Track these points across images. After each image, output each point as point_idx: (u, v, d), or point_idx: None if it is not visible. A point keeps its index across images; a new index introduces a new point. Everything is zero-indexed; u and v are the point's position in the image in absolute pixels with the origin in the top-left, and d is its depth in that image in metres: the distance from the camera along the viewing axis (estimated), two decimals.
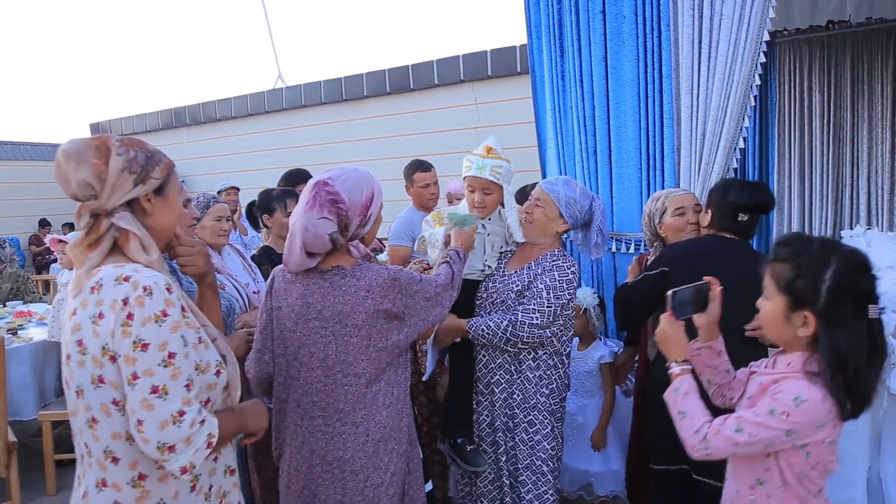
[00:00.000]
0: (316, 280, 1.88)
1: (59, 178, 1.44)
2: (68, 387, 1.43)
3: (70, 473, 3.97)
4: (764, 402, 1.46)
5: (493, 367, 2.51)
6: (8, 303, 5.00)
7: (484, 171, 2.46)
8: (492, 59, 8.50)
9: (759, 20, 3.01)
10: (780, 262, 1.51)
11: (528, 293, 2.42)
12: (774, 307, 1.51)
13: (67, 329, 1.39)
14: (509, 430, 2.49)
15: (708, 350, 1.77)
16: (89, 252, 1.41)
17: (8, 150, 12.82)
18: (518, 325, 2.37)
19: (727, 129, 3.10)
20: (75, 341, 1.37)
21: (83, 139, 1.44)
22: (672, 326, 1.70)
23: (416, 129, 9.18)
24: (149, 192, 1.47)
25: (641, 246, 3.42)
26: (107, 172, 1.40)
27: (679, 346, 1.68)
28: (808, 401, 1.41)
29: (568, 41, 3.55)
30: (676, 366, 1.66)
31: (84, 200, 1.41)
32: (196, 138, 12.25)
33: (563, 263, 2.45)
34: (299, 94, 10.51)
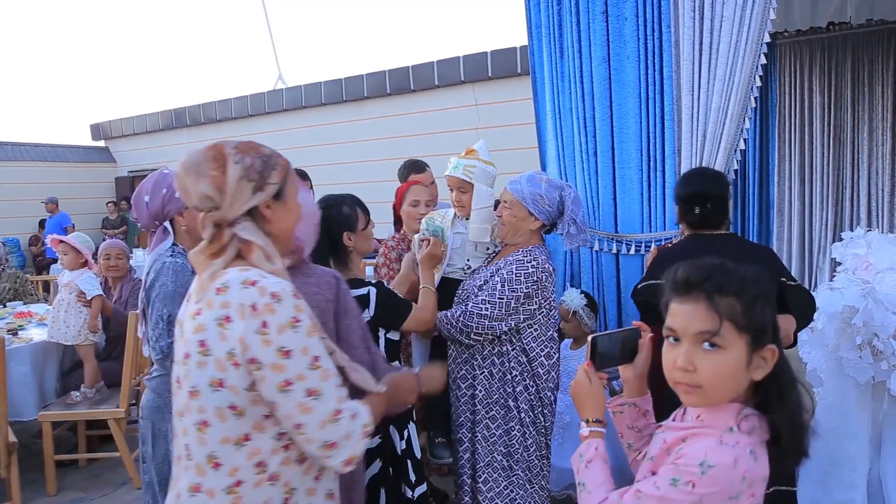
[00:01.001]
0: None
1: (179, 189, 1.45)
2: (180, 386, 1.42)
3: (70, 474, 3.99)
4: (666, 470, 1.18)
5: (459, 363, 2.54)
6: (8, 303, 5.00)
7: (457, 171, 2.62)
8: (492, 59, 8.50)
9: (759, 22, 3.02)
10: (721, 297, 1.17)
11: (486, 286, 2.45)
12: (734, 356, 1.16)
13: (189, 328, 1.39)
14: (471, 426, 2.50)
15: (632, 408, 1.49)
16: (212, 260, 1.41)
17: (9, 150, 12.83)
18: (468, 315, 2.39)
19: (728, 130, 3.10)
20: (197, 341, 1.36)
21: (200, 151, 1.44)
22: (589, 380, 1.44)
23: (416, 129, 9.19)
24: (268, 198, 1.45)
25: (642, 247, 3.41)
26: (226, 183, 1.40)
27: (593, 404, 1.43)
28: (717, 466, 1.12)
29: (568, 42, 3.55)
30: (586, 426, 1.42)
31: (206, 211, 1.41)
32: (196, 139, 12.26)
33: (523, 258, 2.45)
34: (300, 94, 10.51)
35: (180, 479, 1.45)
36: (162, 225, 2.15)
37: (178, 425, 1.46)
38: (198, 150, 1.45)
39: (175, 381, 1.45)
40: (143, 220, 2.19)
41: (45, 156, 13.30)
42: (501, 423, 2.44)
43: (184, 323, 1.43)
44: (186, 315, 1.42)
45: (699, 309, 1.17)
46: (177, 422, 1.46)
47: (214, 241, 1.42)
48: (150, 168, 13.28)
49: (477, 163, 2.59)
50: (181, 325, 1.44)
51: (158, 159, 13.10)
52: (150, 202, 2.14)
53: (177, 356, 1.44)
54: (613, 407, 1.50)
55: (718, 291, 1.16)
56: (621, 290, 3.55)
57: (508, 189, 2.54)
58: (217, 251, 1.41)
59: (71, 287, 3.89)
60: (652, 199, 3.40)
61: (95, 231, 12.30)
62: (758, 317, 1.16)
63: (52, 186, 12.99)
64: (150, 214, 2.15)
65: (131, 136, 13.70)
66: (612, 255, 3.52)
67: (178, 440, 1.46)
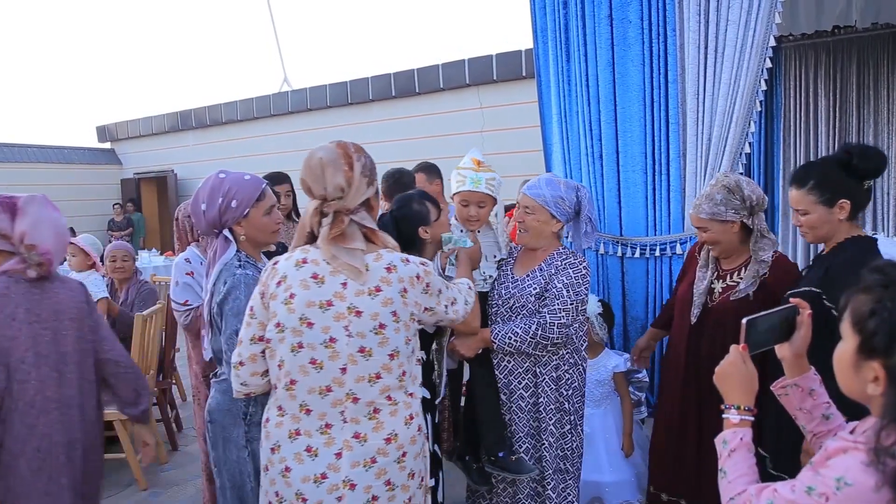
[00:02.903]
0: None
1: (311, 178, 1.68)
2: (371, 356, 1.66)
3: None
4: (806, 476, 1.15)
5: (519, 373, 2.49)
6: None
7: (480, 185, 2.52)
8: (497, 63, 8.52)
9: (765, 25, 3.02)
10: (862, 292, 1.16)
11: (549, 294, 2.43)
12: (845, 349, 1.17)
13: (377, 302, 1.65)
14: (536, 435, 2.49)
15: (795, 389, 1.44)
16: (335, 243, 1.65)
17: (15, 152, 12.89)
18: (547, 327, 2.38)
19: (733, 133, 3.10)
20: (390, 312, 1.66)
21: (333, 147, 1.70)
22: (742, 362, 1.38)
23: (421, 132, 9.21)
24: (374, 192, 1.75)
25: (647, 250, 3.42)
26: (353, 178, 1.67)
27: (745, 389, 1.37)
28: (854, 486, 1.07)
29: (574, 46, 3.56)
30: (735, 413, 1.37)
31: (332, 200, 1.66)
32: (201, 141, 12.30)
33: (574, 261, 2.47)
34: (305, 97, 10.55)
35: (399, 412, 1.71)
36: (221, 234, 2.08)
37: (359, 383, 1.66)
38: (329, 146, 1.70)
39: (363, 351, 1.65)
40: (202, 228, 2.13)
41: (50, 157, 13.35)
42: (561, 427, 2.47)
43: (336, 303, 1.64)
44: (349, 294, 1.64)
45: (852, 298, 1.18)
46: (360, 386, 1.66)
47: (335, 226, 1.65)
48: (156, 170, 13.33)
49: (495, 175, 2.54)
50: (327, 308, 1.65)
51: (164, 161, 13.14)
52: (207, 211, 2.07)
53: (368, 327, 1.65)
54: (778, 390, 1.47)
55: (861, 286, 1.17)
56: (626, 292, 3.55)
57: (529, 194, 2.51)
58: (337, 235, 1.65)
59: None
60: (657, 203, 3.40)
61: (101, 233, 12.35)
62: (870, 326, 1.12)
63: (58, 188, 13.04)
64: (207, 223, 2.08)
65: (137, 138, 13.75)
66: (616, 258, 3.53)
67: (366, 391, 1.66)
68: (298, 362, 1.65)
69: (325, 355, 1.64)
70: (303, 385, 1.65)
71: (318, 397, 1.65)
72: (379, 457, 1.67)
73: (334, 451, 1.65)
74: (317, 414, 1.66)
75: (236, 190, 2.05)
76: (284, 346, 1.65)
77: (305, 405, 1.67)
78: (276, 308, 1.66)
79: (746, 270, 2.45)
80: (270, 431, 1.71)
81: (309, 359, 1.64)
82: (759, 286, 2.42)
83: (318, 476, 1.65)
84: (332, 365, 1.64)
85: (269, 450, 1.71)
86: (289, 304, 1.65)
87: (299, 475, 1.66)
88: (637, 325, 3.56)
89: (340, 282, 1.65)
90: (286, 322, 1.65)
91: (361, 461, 1.66)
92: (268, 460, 1.72)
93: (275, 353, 1.68)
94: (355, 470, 1.65)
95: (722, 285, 2.53)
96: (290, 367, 1.65)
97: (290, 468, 1.67)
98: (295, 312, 1.64)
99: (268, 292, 1.70)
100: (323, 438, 1.66)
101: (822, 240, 2.24)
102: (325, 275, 1.66)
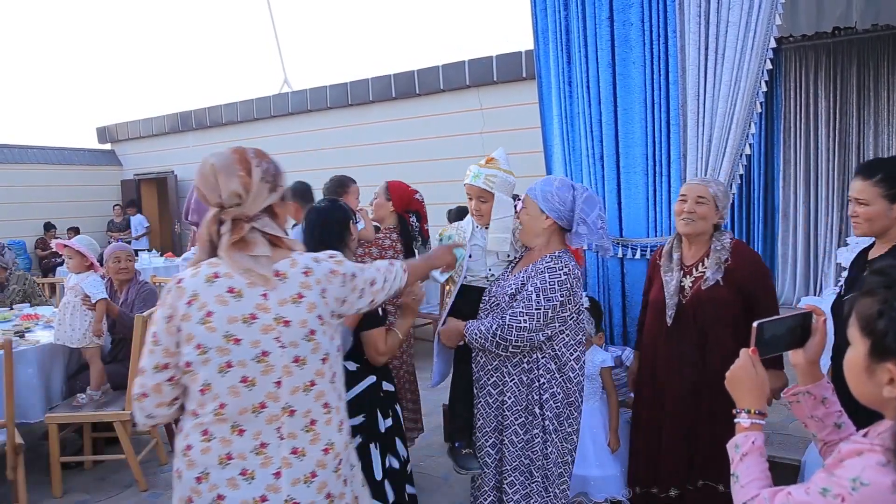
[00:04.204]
0: None
1: (206, 186, 1.60)
2: (306, 364, 1.61)
3: (75, 476, 4.00)
4: (820, 478, 1.13)
5: (489, 369, 2.53)
6: (15, 305, 5.02)
7: (478, 180, 2.59)
8: (497, 64, 8.52)
9: (765, 26, 3.02)
10: (866, 295, 1.15)
11: (519, 296, 2.43)
12: (855, 354, 1.16)
13: (303, 309, 1.61)
14: (499, 431, 2.51)
15: (807, 397, 1.41)
16: (237, 251, 1.59)
17: (15, 153, 12.88)
18: (506, 329, 2.37)
19: (733, 135, 3.10)
20: (316, 317, 1.62)
21: (227, 153, 1.62)
22: (753, 366, 1.38)
23: (421, 133, 9.20)
24: (278, 198, 1.67)
25: (647, 252, 3.42)
26: (251, 183, 1.59)
27: (756, 394, 1.37)
28: (870, 486, 1.05)
29: (575, 47, 3.56)
30: (746, 417, 1.36)
31: (229, 207, 1.59)
32: (202, 142, 12.30)
33: (554, 265, 2.43)
34: (305, 98, 10.54)
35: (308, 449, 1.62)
36: None
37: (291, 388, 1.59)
38: (223, 152, 1.62)
39: (296, 360, 1.59)
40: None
41: (51, 158, 13.34)
42: (528, 429, 2.46)
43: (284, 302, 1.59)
44: (287, 297, 1.59)
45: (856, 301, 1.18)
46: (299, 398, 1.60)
47: (235, 233, 1.58)
48: (157, 171, 13.33)
49: (498, 172, 2.57)
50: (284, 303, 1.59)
51: (164, 163, 13.14)
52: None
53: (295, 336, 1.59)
54: (789, 397, 1.43)
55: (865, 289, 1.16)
56: (626, 293, 3.55)
57: (526, 192, 2.57)
58: (238, 242, 1.58)
59: (76, 290, 3.90)
60: (657, 204, 3.40)
61: (101, 234, 12.35)
62: (880, 327, 1.10)
63: (58, 189, 13.05)
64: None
65: (137, 140, 13.75)
66: (616, 259, 3.53)
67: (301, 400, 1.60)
68: (228, 383, 1.54)
69: (258, 370, 1.55)
70: (233, 406, 1.55)
71: (252, 416, 1.56)
72: (318, 470, 1.62)
73: (272, 472, 1.57)
74: (251, 434, 1.56)
75: None
76: (210, 368, 1.54)
77: (238, 426, 1.56)
78: (193, 329, 1.54)
79: (709, 259, 2.60)
80: (195, 460, 1.57)
81: (240, 377, 1.55)
82: (725, 273, 2.56)
83: (257, 500, 1.55)
84: (265, 380, 1.56)
85: (195, 479, 1.57)
86: (207, 322, 1.54)
87: (236, 500, 1.55)
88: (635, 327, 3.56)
89: (260, 293, 1.57)
90: (208, 342, 1.54)
91: (302, 477, 1.59)
92: (191, 491, 1.58)
93: (196, 377, 1.56)
94: (296, 487, 1.58)
95: (690, 280, 2.65)
96: (219, 389, 1.55)
97: (223, 496, 1.55)
98: (217, 331, 1.53)
99: (177, 315, 1.56)
100: (259, 459, 1.56)
101: (873, 234, 2.26)
102: (243, 287, 1.57)
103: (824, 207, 6.88)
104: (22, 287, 5.28)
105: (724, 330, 2.55)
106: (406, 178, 4.20)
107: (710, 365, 2.54)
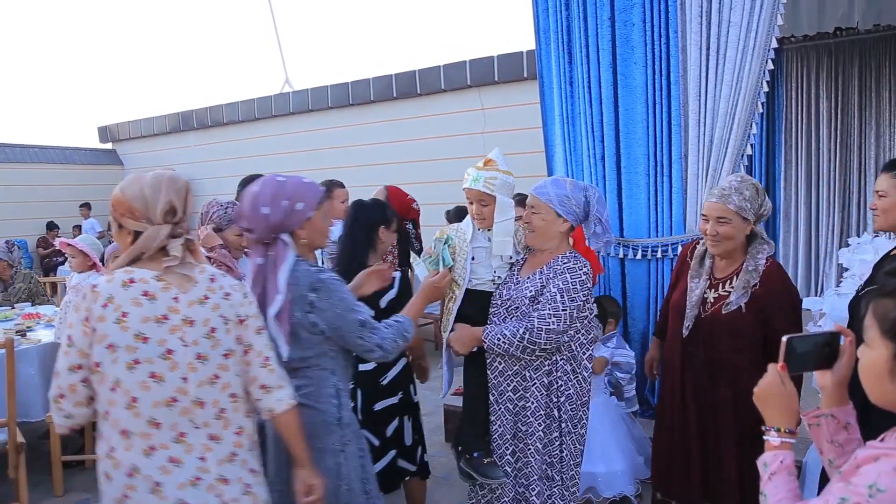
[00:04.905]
0: None
1: (139, 200, 1.73)
2: (208, 359, 1.72)
3: (77, 475, 4.00)
4: (838, 489, 1.11)
5: (508, 375, 2.48)
6: (17, 304, 5.03)
7: (478, 183, 2.52)
8: (498, 64, 8.51)
9: (767, 27, 3.02)
10: (886, 296, 1.14)
11: (542, 298, 2.40)
12: (876, 358, 1.14)
13: (208, 309, 1.74)
14: (522, 439, 2.47)
15: (830, 420, 1.35)
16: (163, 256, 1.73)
17: (17, 152, 12.89)
18: (535, 332, 2.34)
19: (735, 135, 3.10)
20: (219, 316, 1.75)
21: (155, 175, 1.77)
22: (782, 383, 1.33)
23: (422, 133, 9.20)
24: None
25: (649, 252, 3.42)
26: (189, 201, 1.79)
27: (786, 412, 1.33)
28: (887, 492, 1.03)
29: (576, 48, 3.56)
30: (776, 435, 1.32)
31: (175, 224, 1.74)
32: (203, 142, 12.30)
33: (573, 265, 2.42)
34: (306, 98, 10.54)
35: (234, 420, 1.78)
36: (280, 238, 2.03)
37: (204, 389, 1.71)
38: (148, 175, 1.76)
39: (198, 357, 1.71)
40: (259, 233, 2.03)
41: (52, 158, 13.34)
42: (548, 433, 2.43)
43: (191, 303, 1.71)
44: (194, 298, 1.72)
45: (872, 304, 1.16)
46: (205, 391, 1.72)
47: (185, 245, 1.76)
48: None
49: (497, 174, 2.51)
50: (192, 304, 1.72)
51: (165, 162, 13.14)
52: (271, 215, 2.00)
53: (199, 334, 1.71)
54: (809, 419, 1.37)
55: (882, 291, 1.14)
56: (627, 294, 3.55)
57: (535, 194, 2.50)
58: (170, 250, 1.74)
59: (78, 289, 3.91)
60: (658, 204, 3.41)
61: None
62: None
63: (60, 188, 13.05)
64: (269, 227, 2.01)
65: (138, 139, 13.75)
66: (617, 259, 3.53)
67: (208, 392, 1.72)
68: (137, 378, 1.65)
69: (165, 367, 1.67)
70: (146, 400, 1.65)
71: (166, 409, 1.67)
72: (236, 449, 1.76)
73: (197, 456, 1.70)
74: (168, 425, 1.67)
75: (302, 193, 2.04)
76: (119, 366, 1.64)
77: (154, 419, 1.66)
78: (107, 329, 1.64)
79: (738, 279, 2.44)
80: (121, 459, 1.66)
81: (148, 373, 1.65)
82: (750, 298, 2.41)
83: (192, 480, 1.68)
84: (172, 376, 1.67)
85: (126, 476, 1.65)
86: (121, 322, 1.64)
87: (173, 484, 1.66)
88: (638, 327, 3.56)
89: (172, 296, 1.70)
90: (119, 341, 1.64)
91: (225, 457, 1.74)
92: (126, 488, 1.66)
93: (105, 376, 1.65)
94: (223, 466, 1.73)
95: (714, 295, 2.51)
96: (129, 384, 1.64)
97: (160, 482, 1.66)
98: (129, 330, 1.65)
99: (92, 316, 1.66)
100: (181, 447, 1.69)
101: (889, 227, 2.26)
102: (157, 291, 1.69)
103: (826, 208, 6.88)
104: (27, 286, 5.28)
105: (739, 357, 2.43)
106: (406, 179, 4.21)
107: (721, 390, 2.47)
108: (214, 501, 1.69)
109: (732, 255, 2.50)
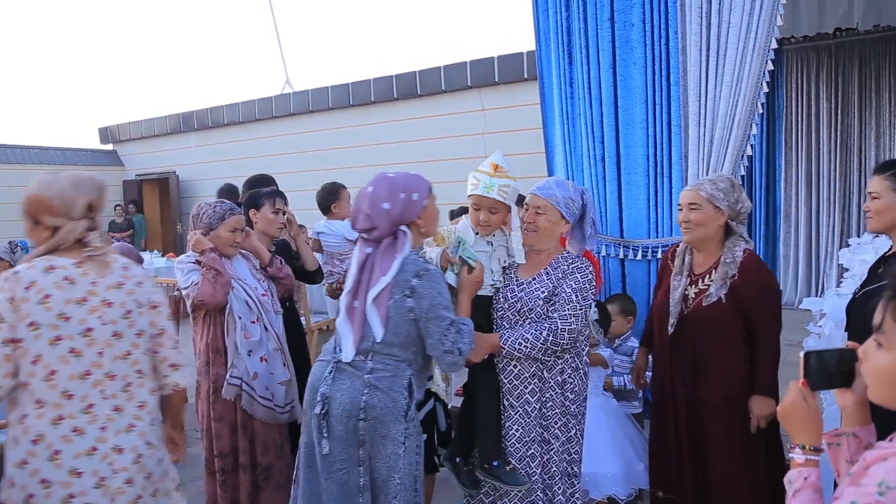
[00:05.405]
0: None
1: (61, 199, 1.96)
2: (123, 337, 1.96)
3: None
4: (849, 492, 1.08)
5: (525, 377, 2.46)
6: None
7: (492, 191, 2.44)
8: (499, 65, 8.52)
9: (766, 27, 3.02)
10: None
11: (557, 299, 2.40)
12: (893, 359, 1.10)
13: (123, 292, 1.98)
14: (545, 441, 2.46)
15: (852, 439, 1.30)
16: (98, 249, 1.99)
17: (17, 153, 12.90)
18: (558, 333, 2.35)
19: (735, 136, 3.10)
20: (133, 300, 2.00)
21: (76, 174, 2.04)
22: (804, 399, 1.30)
23: (423, 134, 9.21)
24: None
25: (649, 252, 3.42)
26: (103, 198, 2.08)
27: (810, 429, 1.30)
28: None
29: (576, 48, 3.56)
30: (800, 453, 1.29)
31: (89, 218, 1.99)
32: (204, 143, 12.31)
33: (581, 265, 2.45)
34: (307, 99, 10.55)
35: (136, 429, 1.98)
36: (401, 229, 2.13)
37: (116, 363, 1.95)
38: (75, 173, 2.02)
39: (117, 334, 1.95)
40: (383, 229, 2.11)
41: (53, 159, 13.35)
42: (565, 431, 2.45)
43: (109, 288, 1.95)
44: (101, 290, 1.93)
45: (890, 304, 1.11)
46: (117, 363, 1.95)
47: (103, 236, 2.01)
48: (159, 171, 13.35)
49: (510, 182, 2.45)
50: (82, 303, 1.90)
51: (166, 163, 13.15)
52: (392, 209, 2.10)
53: (117, 314, 1.96)
54: (829, 438, 1.32)
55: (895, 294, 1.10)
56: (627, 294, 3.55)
57: (540, 195, 2.48)
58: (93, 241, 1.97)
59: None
60: (658, 205, 3.41)
61: None
62: None
63: None
64: (391, 221, 2.11)
65: (139, 140, 13.76)
66: (617, 260, 3.53)
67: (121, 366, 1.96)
68: (57, 353, 1.85)
69: (83, 344, 1.89)
70: (63, 373, 1.86)
71: (80, 382, 1.88)
72: (136, 421, 1.96)
73: (99, 426, 1.90)
74: (79, 397, 1.88)
75: (414, 184, 2.16)
76: (41, 342, 1.84)
77: (67, 392, 1.87)
78: (30, 309, 1.84)
79: (716, 272, 2.49)
80: (30, 426, 1.85)
81: (68, 349, 1.87)
82: (729, 289, 2.45)
83: (88, 449, 1.87)
84: (90, 351, 1.90)
85: (31, 442, 1.84)
86: (45, 303, 1.85)
87: (70, 453, 1.85)
88: (638, 328, 3.56)
89: (90, 281, 1.93)
90: (41, 320, 1.84)
91: (123, 428, 1.93)
92: (27, 454, 1.84)
93: (27, 351, 1.84)
94: (119, 436, 1.92)
95: (695, 290, 2.55)
96: (50, 358, 1.85)
97: (59, 451, 1.84)
98: (52, 310, 1.85)
99: (17, 297, 1.84)
100: (87, 417, 1.88)
101: (883, 228, 2.28)
102: (77, 276, 1.91)
103: (826, 208, 6.89)
104: None
105: (724, 350, 2.47)
106: None
107: (707, 386, 2.50)
108: (106, 470, 1.88)
109: (707, 247, 2.55)
